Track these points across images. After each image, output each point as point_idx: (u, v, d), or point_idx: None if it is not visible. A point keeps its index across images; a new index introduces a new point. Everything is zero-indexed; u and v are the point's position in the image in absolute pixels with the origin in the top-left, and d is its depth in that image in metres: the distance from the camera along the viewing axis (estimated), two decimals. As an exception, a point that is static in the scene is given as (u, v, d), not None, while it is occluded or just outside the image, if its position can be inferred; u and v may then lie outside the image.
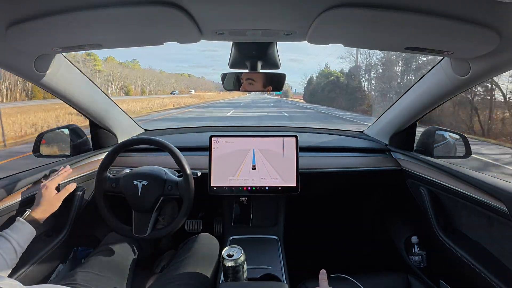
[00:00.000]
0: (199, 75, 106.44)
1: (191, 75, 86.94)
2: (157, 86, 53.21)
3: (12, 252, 0.67)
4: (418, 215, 1.12)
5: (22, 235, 0.71)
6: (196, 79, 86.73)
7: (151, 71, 57.31)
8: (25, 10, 0.53)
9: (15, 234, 0.70)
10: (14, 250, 0.68)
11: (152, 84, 51.17)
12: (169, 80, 63.43)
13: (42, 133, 1.08)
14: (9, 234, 0.69)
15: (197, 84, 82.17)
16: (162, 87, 55.42)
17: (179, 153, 0.91)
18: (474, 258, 0.82)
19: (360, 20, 0.55)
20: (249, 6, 0.54)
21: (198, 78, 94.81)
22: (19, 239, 0.70)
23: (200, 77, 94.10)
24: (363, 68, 25.37)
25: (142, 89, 46.89)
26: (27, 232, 0.73)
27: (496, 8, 0.49)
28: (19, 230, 0.71)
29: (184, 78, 79.95)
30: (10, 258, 0.67)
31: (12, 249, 0.68)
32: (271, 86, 0.87)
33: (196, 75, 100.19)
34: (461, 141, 1.10)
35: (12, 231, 0.70)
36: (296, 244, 1.24)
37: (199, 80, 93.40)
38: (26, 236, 0.72)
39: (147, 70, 56.59)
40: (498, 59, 0.67)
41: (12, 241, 0.68)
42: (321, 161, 1.23)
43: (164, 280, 0.79)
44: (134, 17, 0.55)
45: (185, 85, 73.51)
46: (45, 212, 0.79)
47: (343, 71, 29.85)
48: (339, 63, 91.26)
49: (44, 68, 0.80)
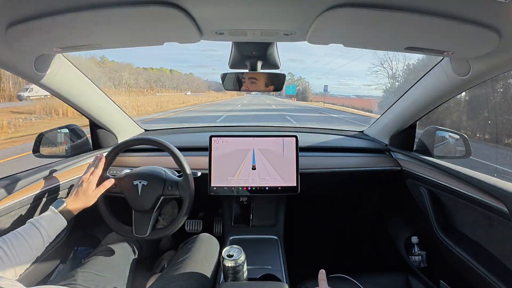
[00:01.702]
0: (185, 71, 78.01)
1: (173, 71, 56.83)
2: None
3: (39, 241, 0.66)
4: (418, 215, 1.12)
5: (53, 226, 0.70)
6: (180, 77, 56.55)
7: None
8: (25, 10, 0.53)
9: (45, 223, 0.68)
10: (42, 239, 0.67)
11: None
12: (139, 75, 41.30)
13: (42, 133, 1.08)
14: (39, 223, 0.68)
15: (180, 83, 55.81)
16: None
17: (179, 153, 0.91)
18: (474, 258, 0.82)
19: (360, 20, 0.55)
20: (249, 6, 0.54)
21: (185, 75, 63.99)
22: (48, 229, 0.68)
23: (188, 74, 64.93)
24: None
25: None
26: (58, 223, 0.72)
27: (496, 8, 0.49)
28: (50, 220, 0.70)
29: (164, 73, 52.66)
30: (37, 246, 0.66)
31: (41, 237, 0.66)
32: (271, 86, 0.87)
33: (180, 70, 72.36)
34: (461, 141, 1.09)
35: (43, 219, 0.69)
36: (296, 244, 1.24)
37: (186, 78, 62.90)
38: (56, 227, 0.71)
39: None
40: (498, 59, 0.67)
41: (42, 229, 0.67)
42: (321, 161, 1.23)
43: (164, 280, 0.80)
44: (134, 17, 0.55)
45: (161, 84, 49.50)
46: (81, 206, 0.78)
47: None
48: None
49: (44, 68, 0.80)
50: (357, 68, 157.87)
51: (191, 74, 58.51)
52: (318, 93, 53.27)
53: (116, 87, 33.39)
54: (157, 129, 1.55)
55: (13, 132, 7.82)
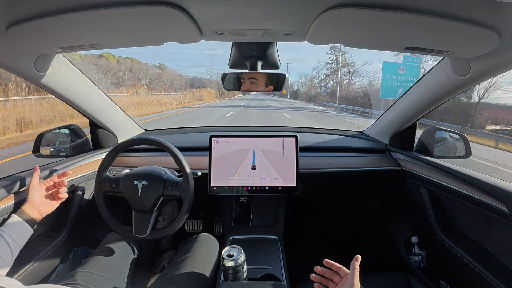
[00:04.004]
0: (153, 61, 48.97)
1: (133, 60, 29.76)
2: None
3: (5, 247, 0.67)
4: (418, 215, 1.12)
5: (14, 230, 0.71)
6: (148, 69, 31.88)
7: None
8: (25, 10, 0.54)
9: (7, 229, 0.70)
10: (7, 244, 0.68)
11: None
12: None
13: (42, 133, 1.08)
14: (2, 230, 0.69)
15: (140, 77, 29.76)
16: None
17: (179, 153, 0.91)
18: (474, 258, 0.82)
19: (360, 20, 0.55)
20: (249, 6, 0.54)
21: (154, 66, 35.44)
22: (11, 233, 0.70)
23: (157, 65, 35.50)
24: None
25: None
26: (19, 226, 0.72)
27: (496, 8, 0.50)
28: (10, 225, 0.71)
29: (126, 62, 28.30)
30: (4, 252, 0.67)
31: (5, 243, 0.68)
32: (271, 86, 0.87)
33: (145, 61, 41.93)
34: (461, 141, 1.10)
35: (4, 225, 0.71)
36: (296, 244, 1.24)
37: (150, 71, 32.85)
38: (19, 230, 0.72)
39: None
40: (498, 59, 0.67)
41: (4, 234, 0.68)
42: (321, 161, 1.23)
43: (164, 280, 0.79)
44: (134, 17, 0.55)
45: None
46: (35, 211, 0.77)
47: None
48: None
49: (44, 68, 0.80)
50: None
51: (162, 66, 36.58)
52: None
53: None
54: (157, 129, 1.55)
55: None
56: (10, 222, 0.72)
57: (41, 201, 0.79)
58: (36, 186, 0.79)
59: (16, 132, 7.38)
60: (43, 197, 0.80)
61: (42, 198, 0.79)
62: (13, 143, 6.11)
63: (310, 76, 43.88)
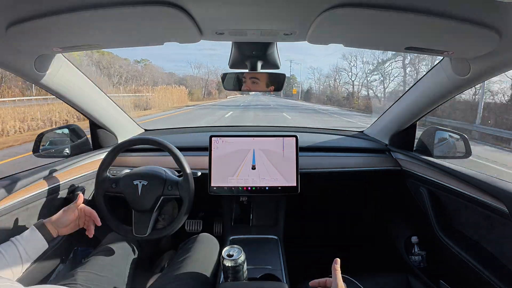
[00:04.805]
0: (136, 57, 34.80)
1: (105, 53, 21.77)
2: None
3: (17, 260, 0.66)
4: (418, 215, 1.12)
5: (30, 244, 0.69)
6: (126, 64, 25.19)
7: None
8: (25, 10, 0.53)
9: (24, 241, 0.68)
10: (19, 257, 0.66)
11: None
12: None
13: (42, 133, 1.08)
14: (18, 240, 0.68)
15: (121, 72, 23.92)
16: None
17: (179, 153, 0.91)
18: (474, 258, 0.82)
19: (360, 20, 0.55)
20: (249, 6, 0.54)
21: (134, 62, 29.56)
22: (26, 246, 0.68)
23: (138, 60, 29.70)
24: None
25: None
26: (36, 241, 0.71)
27: (496, 8, 0.49)
28: (27, 237, 0.70)
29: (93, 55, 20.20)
30: (15, 264, 0.65)
31: (18, 256, 0.66)
32: (272, 86, 0.87)
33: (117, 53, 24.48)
34: (461, 141, 1.10)
35: (22, 237, 0.69)
36: (296, 244, 1.24)
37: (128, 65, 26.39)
38: (35, 245, 0.70)
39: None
40: (498, 59, 0.67)
41: (19, 247, 0.67)
42: (321, 161, 1.23)
43: (164, 280, 0.79)
44: (134, 17, 0.55)
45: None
46: (56, 231, 0.76)
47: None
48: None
49: (44, 68, 0.80)
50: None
51: (145, 62, 30.85)
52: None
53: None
54: (157, 129, 1.55)
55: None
56: (28, 234, 0.70)
57: (66, 224, 0.77)
58: (71, 208, 0.78)
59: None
60: (69, 221, 0.78)
61: (68, 222, 0.77)
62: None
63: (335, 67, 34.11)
